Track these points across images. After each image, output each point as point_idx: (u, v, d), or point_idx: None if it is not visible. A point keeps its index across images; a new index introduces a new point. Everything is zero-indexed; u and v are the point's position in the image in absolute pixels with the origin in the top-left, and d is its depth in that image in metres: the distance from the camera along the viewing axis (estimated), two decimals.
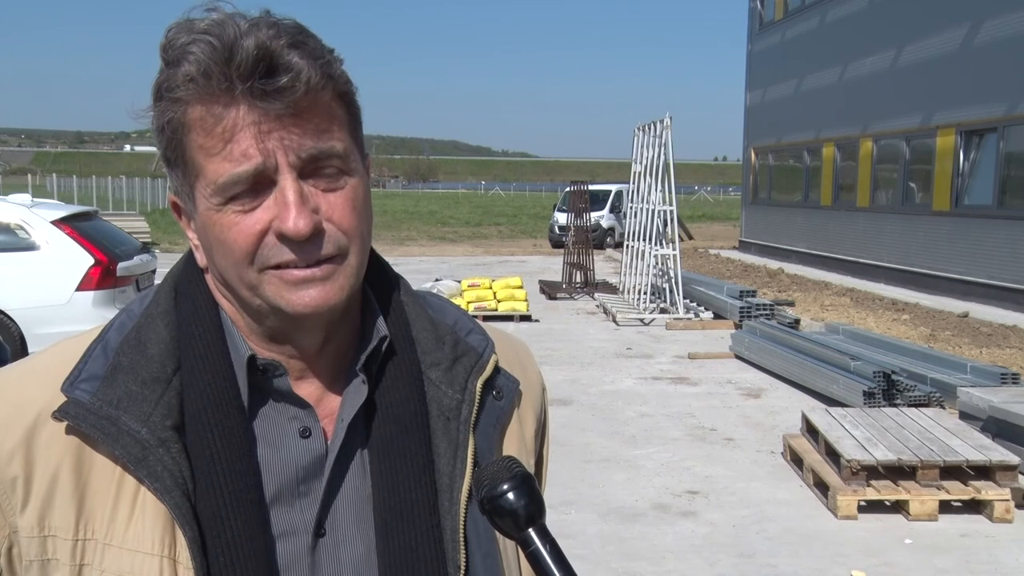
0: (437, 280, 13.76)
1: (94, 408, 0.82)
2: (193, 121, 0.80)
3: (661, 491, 5.83)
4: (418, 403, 0.90)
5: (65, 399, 0.83)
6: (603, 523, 5.27)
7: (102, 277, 8.00)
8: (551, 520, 0.84)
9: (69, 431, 0.83)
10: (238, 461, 0.83)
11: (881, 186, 17.81)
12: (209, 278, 0.91)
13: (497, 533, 0.89)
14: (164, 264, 11.84)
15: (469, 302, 12.70)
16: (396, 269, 1.00)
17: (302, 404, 0.89)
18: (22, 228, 8.14)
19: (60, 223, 8.19)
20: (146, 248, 9.62)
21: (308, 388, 0.91)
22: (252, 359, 0.87)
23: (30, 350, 7.77)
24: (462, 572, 0.88)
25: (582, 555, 4.80)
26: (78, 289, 7.90)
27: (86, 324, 7.73)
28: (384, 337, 0.91)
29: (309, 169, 0.82)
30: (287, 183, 0.80)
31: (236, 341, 0.88)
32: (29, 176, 52.16)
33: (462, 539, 0.88)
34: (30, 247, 8.09)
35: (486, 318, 12.40)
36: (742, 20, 25.21)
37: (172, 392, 0.84)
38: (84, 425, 0.82)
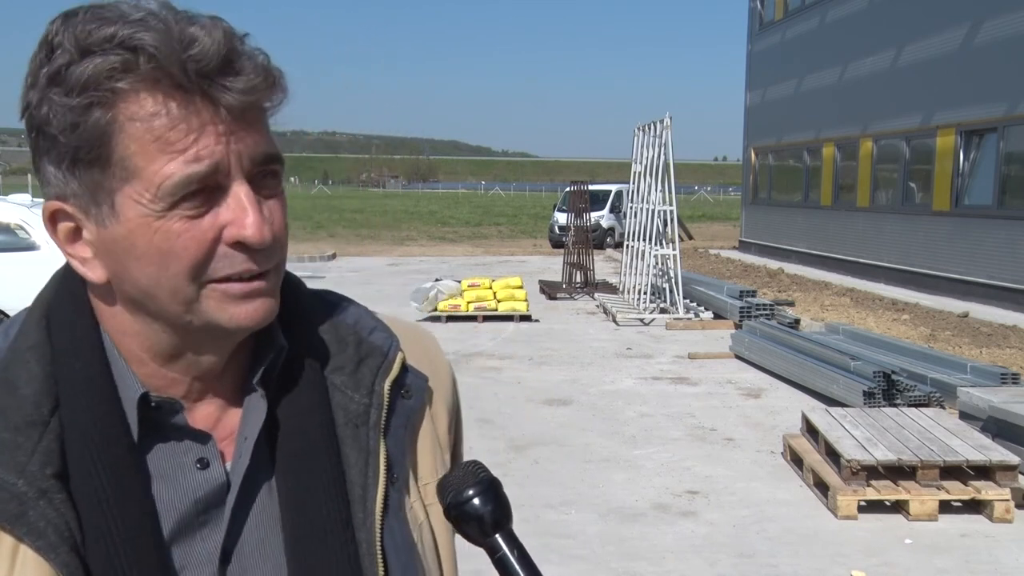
0: (437, 280, 13.75)
1: None
2: (136, 116, 0.72)
3: (661, 491, 5.83)
4: (323, 412, 0.85)
5: None
6: (603, 523, 5.27)
7: None
8: (551, 520, 0.84)
9: None
10: (129, 503, 0.76)
11: (881, 186, 17.82)
12: (96, 299, 0.82)
13: (416, 543, 0.87)
14: None
15: (469, 302, 12.70)
16: (396, 269, 0.98)
17: (200, 437, 0.82)
18: (22, 228, 8.14)
19: None
20: None
21: (207, 409, 0.85)
22: (144, 397, 0.80)
23: None
24: None
25: (582, 555, 4.80)
26: None
27: None
28: (282, 348, 0.85)
29: (254, 174, 0.77)
30: (242, 188, 0.75)
31: (123, 372, 0.80)
32: (29, 176, 52.15)
33: (379, 552, 0.83)
34: (30, 247, 8.09)
35: (486, 318, 12.42)
36: (742, 20, 25.24)
37: (51, 435, 0.76)
38: None
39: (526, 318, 12.72)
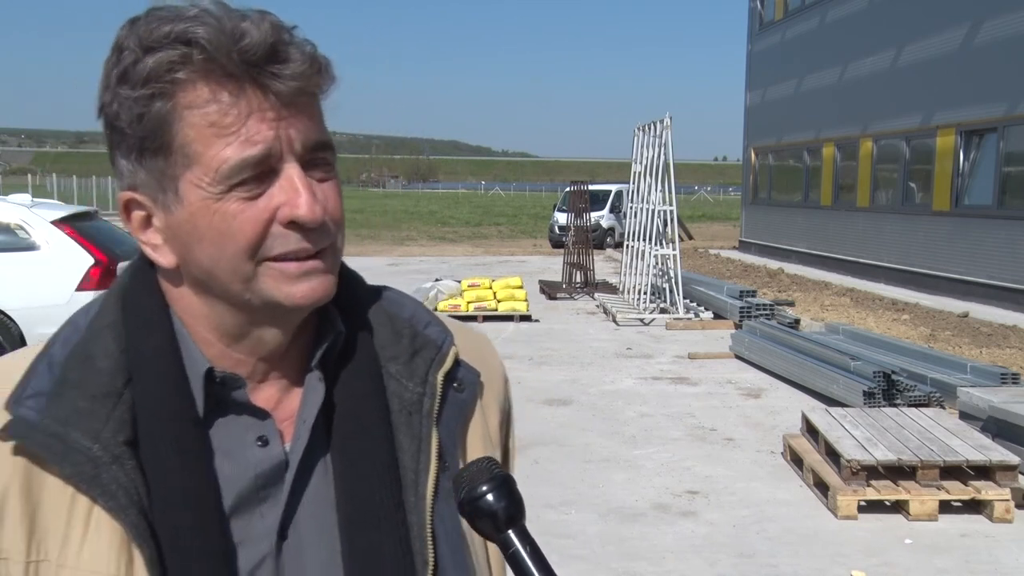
0: (437, 280, 13.75)
1: (41, 426, 0.80)
2: (193, 104, 0.78)
3: (661, 491, 5.83)
4: (378, 398, 0.89)
5: (10, 417, 0.80)
6: (603, 523, 5.27)
7: (102, 277, 7.99)
8: (551, 520, 0.85)
9: (16, 451, 0.80)
10: (194, 474, 0.81)
11: (881, 186, 17.82)
12: (166, 283, 0.87)
13: (465, 528, 0.89)
14: None
15: (469, 302, 12.70)
16: (396, 269, 0.99)
17: (260, 414, 0.87)
18: (22, 228, 8.14)
19: (60, 223, 8.19)
20: None
21: (269, 390, 0.89)
22: (210, 372, 0.85)
23: None
24: (430, 568, 0.86)
25: (582, 555, 4.80)
26: (78, 289, 7.90)
27: None
28: (340, 332, 0.89)
29: (307, 159, 0.81)
30: (294, 170, 0.80)
31: (191, 350, 0.85)
32: (29, 176, 52.18)
33: (429, 535, 0.86)
34: (30, 247, 8.09)
35: (486, 318, 12.41)
36: (742, 20, 25.24)
37: (124, 406, 0.82)
38: (31, 444, 0.79)
39: (526, 318, 12.72)
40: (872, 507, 5.41)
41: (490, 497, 0.81)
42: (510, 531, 0.81)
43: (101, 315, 0.86)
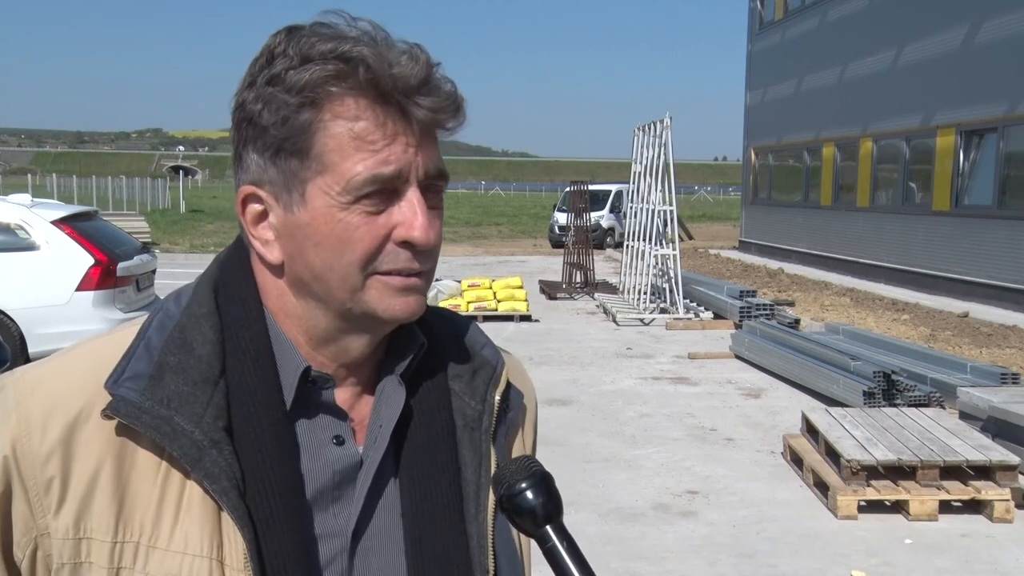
0: (437, 280, 13.75)
1: (145, 407, 0.81)
2: (340, 116, 0.82)
3: (661, 491, 5.83)
4: (447, 412, 0.93)
5: (110, 397, 0.82)
6: (603, 523, 5.28)
7: (102, 277, 7.99)
8: None
9: (119, 430, 0.82)
10: (287, 465, 0.84)
11: (881, 186, 17.82)
12: (263, 279, 0.90)
13: (515, 538, 0.93)
14: (164, 264, 11.58)
15: (469, 302, 12.70)
16: None
17: (340, 415, 0.90)
18: (22, 228, 8.13)
19: (60, 223, 8.18)
20: (146, 248, 9.61)
21: (345, 394, 0.92)
22: (307, 370, 0.88)
23: (30, 350, 7.77)
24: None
25: None
26: (78, 289, 7.90)
27: (86, 324, 7.72)
28: (422, 345, 0.93)
29: (425, 185, 0.86)
30: (415, 195, 0.84)
31: (286, 348, 0.89)
32: (29, 176, 52.20)
33: (490, 544, 0.91)
34: (30, 247, 8.08)
35: (486, 318, 12.41)
36: (742, 20, 25.25)
37: (220, 394, 0.84)
38: (138, 424, 0.81)
39: (526, 318, 12.72)
40: (872, 507, 5.41)
41: (529, 494, 0.83)
42: (548, 527, 0.83)
43: (195, 303, 0.88)
